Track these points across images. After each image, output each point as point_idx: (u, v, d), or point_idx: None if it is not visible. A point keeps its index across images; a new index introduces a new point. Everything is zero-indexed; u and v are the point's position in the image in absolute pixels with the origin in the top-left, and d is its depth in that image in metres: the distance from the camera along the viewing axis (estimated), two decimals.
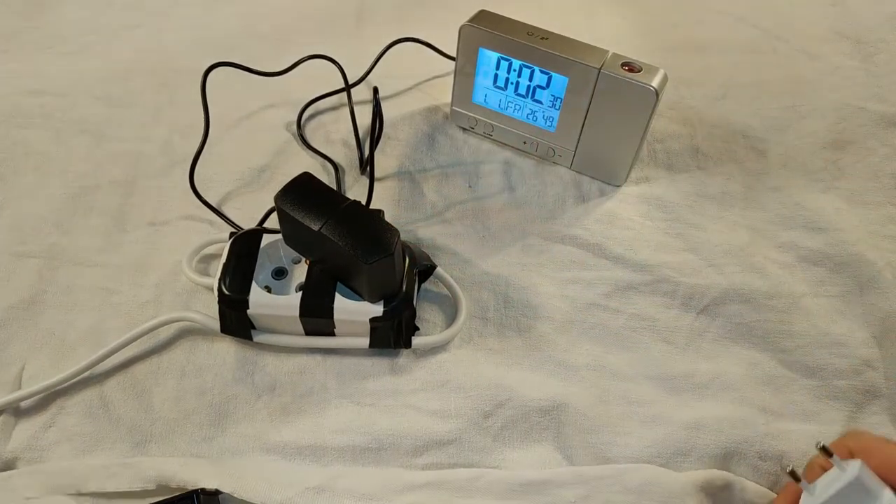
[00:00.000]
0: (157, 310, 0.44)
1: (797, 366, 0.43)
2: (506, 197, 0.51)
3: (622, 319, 0.45)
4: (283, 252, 0.43)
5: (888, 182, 0.53)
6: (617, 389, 0.41)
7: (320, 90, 0.58)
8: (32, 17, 0.66)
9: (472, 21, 0.48)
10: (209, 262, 0.47)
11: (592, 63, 0.46)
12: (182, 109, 0.57)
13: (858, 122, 0.57)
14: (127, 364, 0.42)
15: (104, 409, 0.40)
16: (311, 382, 0.41)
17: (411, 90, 0.59)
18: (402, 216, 0.50)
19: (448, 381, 0.41)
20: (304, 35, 0.64)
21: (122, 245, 0.48)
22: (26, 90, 0.58)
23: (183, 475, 0.36)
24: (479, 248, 0.48)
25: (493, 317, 0.45)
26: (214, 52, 0.61)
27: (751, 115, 0.58)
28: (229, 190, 0.51)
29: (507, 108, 0.52)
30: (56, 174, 0.52)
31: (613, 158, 0.50)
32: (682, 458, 0.38)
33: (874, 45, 0.64)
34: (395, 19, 0.67)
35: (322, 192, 0.39)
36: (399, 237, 0.38)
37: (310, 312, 0.40)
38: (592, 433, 0.39)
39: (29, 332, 0.43)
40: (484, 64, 0.50)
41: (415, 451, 0.39)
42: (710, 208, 0.51)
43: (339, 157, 0.54)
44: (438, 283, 0.46)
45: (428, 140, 0.55)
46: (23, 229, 0.48)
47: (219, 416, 0.40)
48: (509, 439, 0.39)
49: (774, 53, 0.64)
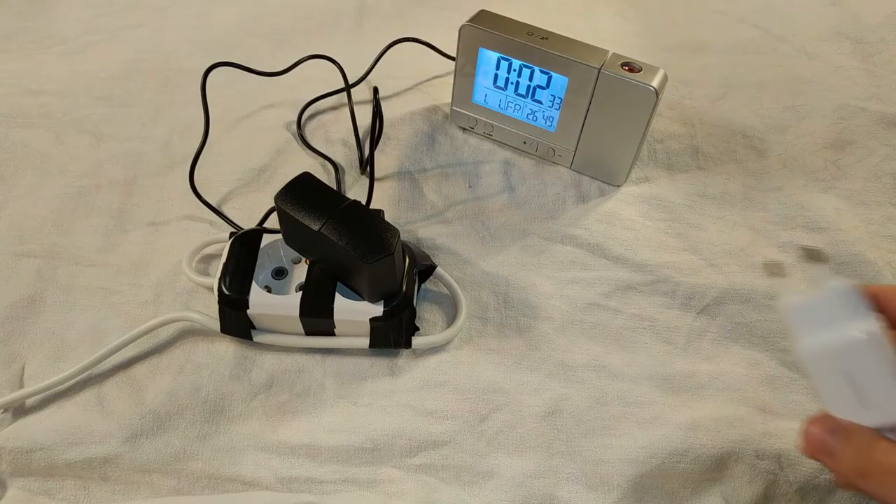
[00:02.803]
0: (157, 310, 0.44)
1: (797, 366, 0.43)
2: (506, 197, 0.51)
3: (622, 319, 0.45)
4: (283, 252, 0.43)
5: (888, 182, 0.53)
6: (615, 390, 0.41)
7: (320, 90, 0.58)
8: (32, 17, 0.66)
9: (472, 21, 0.48)
10: (209, 262, 0.47)
11: (592, 63, 0.46)
12: (182, 109, 0.57)
13: (858, 122, 0.57)
14: (126, 364, 0.42)
15: (99, 405, 0.40)
16: (309, 381, 0.41)
17: (411, 90, 0.59)
18: (402, 216, 0.50)
19: (446, 382, 0.41)
20: (304, 35, 0.64)
21: (122, 245, 0.48)
22: (26, 90, 0.58)
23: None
24: (479, 248, 0.48)
25: (492, 317, 0.45)
26: (214, 52, 0.61)
27: (751, 115, 0.58)
28: (229, 190, 0.51)
29: (507, 108, 0.52)
30: (56, 174, 0.52)
31: (613, 158, 0.50)
32: (678, 458, 0.38)
33: (874, 45, 0.64)
34: (395, 19, 0.67)
35: (322, 192, 0.39)
36: (399, 237, 0.38)
37: (310, 312, 0.40)
38: (588, 437, 0.39)
39: (29, 332, 0.43)
40: (484, 64, 0.50)
41: (409, 452, 0.39)
42: (710, 208, 0.51)
43: (339, 157, 0.54)
44: (438, 283, 0.46)
45: (428, 140, 0.55)
46: (23, 229, 0.48)
47: (213, 413, 0.40)
48: (503, 444, 0.39)
49: (774, 53, 0.64)
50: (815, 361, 0.27)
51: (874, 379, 0.26)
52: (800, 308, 0.28)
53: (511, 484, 0.38)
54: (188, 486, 0.38)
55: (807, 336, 0.27)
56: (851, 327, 0.26)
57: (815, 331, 0.27)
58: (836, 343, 0.27)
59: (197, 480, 0.38)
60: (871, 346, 0.26)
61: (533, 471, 0.38)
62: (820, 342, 0.27)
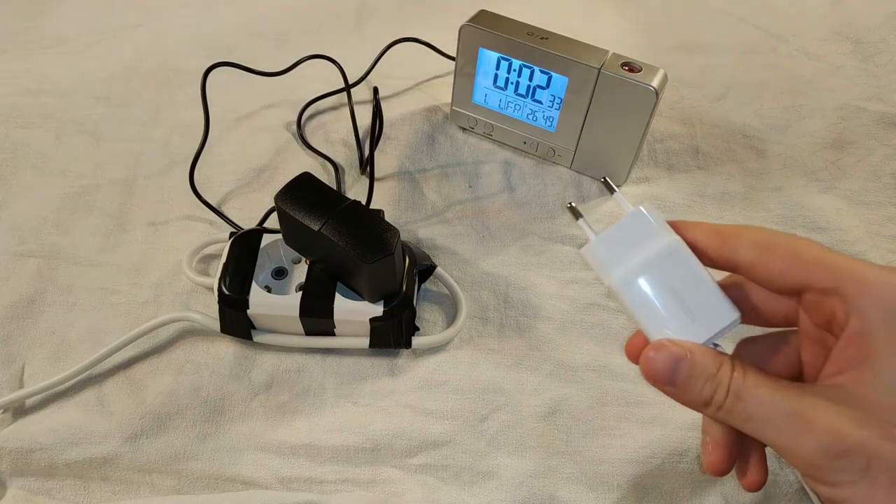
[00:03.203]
0: (157, 310, 0.44)
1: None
2: (506, 197, 0.51)
3: (622, 319, 0.45)
4: (283, 252, 0.43)
5: (888, 182, 0.53)
6: (616, 390, 0.41)
7: (320, 90, 0.58)
8: (32, 17, 0.66)
9: (472, 21, 0.48)
10: (209, 262, 0.47)
11: (592, 63, 0.46)
12: (182, 109, 0.57)
13: (858, 122, 0.57)
14: (126, 364, 0.42)
15: (99, 405, 0.40)
16: (309, 381, 0.41)
17: (411, 90, 0.59)
18: (402, 216, 0.50)
19: (446, 382, 0.41)
20: (304, 35, 0.64)
21: (122, 245, 0.48)
22: (26, 90, 0.58)
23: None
24: (479, 248, 0.48)
25: (492, 317, 0.45)
26: (214, 52, 0.61)
27: (751, 115, 0.58)
28: (229, 190, 0.51)
29: (507, 108, 0.52)
30: (56, 174, 0.52)
31: (613, 158, 0.50)
32: (679, 458, 0.38)
33: (874, 45, 0.64)
34: (395, 19, 0.67)
35: (322, 192, 0.39)
36: (399, 237, 0.38)
37: (310, 312, 0.40)
38: (588, 437, 0.39)
39: (29, 332, 0.43)
40: (484, 64, 0.50)
41: (409, 452, 0.39)
42: (710, 208, 0.51)
43: (339, 157, 0.54)
44: (438, 283, 0.46)
45: (428, 140, 0.55)
46: (23, 229, 0.48)
47: (213, 413, 0.40)
48: (503, 444, 0.39)
49: (774, 53, 0.64)
50: (629, 287, 0.26)
51: (690, 286, 0.26)
52: (605, 239, 0.27)
53: (511, 484, 0.38)
54: (188, 486, 0.38)
55: (616, 265, 0.26)
56: (658, 240, 0.26)
57: (623, 257, 0.26)
58: (646, 259, 0.26)
59: (197, 480, 0.38)
60: (679, 251, 0.26)
61: (533, 471, 0.38)
62: (631, 266, 0.26)
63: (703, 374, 0.24)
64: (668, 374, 0.25)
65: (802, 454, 0.22)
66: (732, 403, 0.24)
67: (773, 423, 0.23)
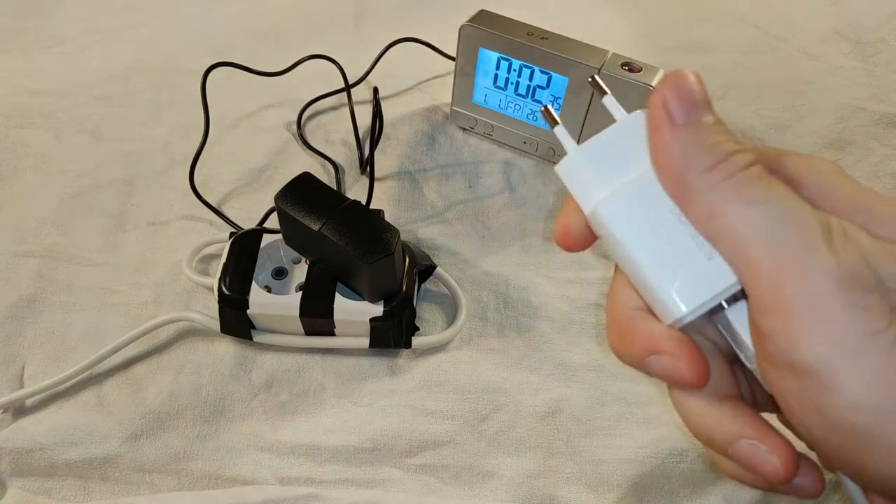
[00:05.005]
0: (157, 310, 0.44)
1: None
2: (506, 197, 0.51)
3: None
4: (283, 252, 0.43)
5: (888, 182, 0.53)
6: (616, 390, 0.41)
7: (320, 90, 0.58)
8: (32, 17, 0.66)
9: (472, 21, 0.48)
10: (209, 262, 0.47)
11: (592, 63, 0.46)
12: (182, 109, 0.57)
13: (858, 122, 0.57)
14: (126, 364, 0.42)
15: (99, 405, 0.40)
16: (309, 381, 0.41)
17: (411, 90, 0.59)
18: (402, 216, 0.50)
19: (446, 382, 0.41)
20: (304, 35, 0.64)
21: (122, 245, 0.48)
22: (26, 90, 0.58)
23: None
24: (479, 248, 0.48)
25: (492, 317, 0.45)
26: (214, 52, 0.61)
27: (751, 115, 0.58)
28: (229, 190, 0.51)
29: (507, 108, 0.52)
30: (56, 174, 0.52)
31: None
32: (679, 458, 0.38)
33: (874, 45, 0.64)
34: (395, 19, 0.67)
35: (322, 192, 0.39)
36: (399, 237, 0.38)
37: (310, 312, 0.40)
38: (588, 437, 0.39)
39: (29, 332, 0.43)
40: (484, 64, 0.50)
41: (409, 452, 0.39)
42: None
43: (339, 157, 0.54)
44: (438, 283, 0.46)
45: (428, 140, 0.55)
46: (23, 229, 0.48)
47: (213, 413, 0.40)
48: (503, 444, 0.39)
49: (774, 53, 0.64)
50: (618, 214, 0.21)
51: None
52: (587, 151, 0.21)
53: (511, 484, 0.38)
54: (188, 486, 0.38)
55: (601, 184, 0.21)
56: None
57: (611, 175, 0.21)
58: (642, 177, 0.21)
59: (197, 480, 0.38)
60: None
61: (533, 471, 0.38)
62: (622, 185, 0.21)
63: (724, 135, 0.20)
64: (685, 106, 0.20)
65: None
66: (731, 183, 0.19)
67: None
